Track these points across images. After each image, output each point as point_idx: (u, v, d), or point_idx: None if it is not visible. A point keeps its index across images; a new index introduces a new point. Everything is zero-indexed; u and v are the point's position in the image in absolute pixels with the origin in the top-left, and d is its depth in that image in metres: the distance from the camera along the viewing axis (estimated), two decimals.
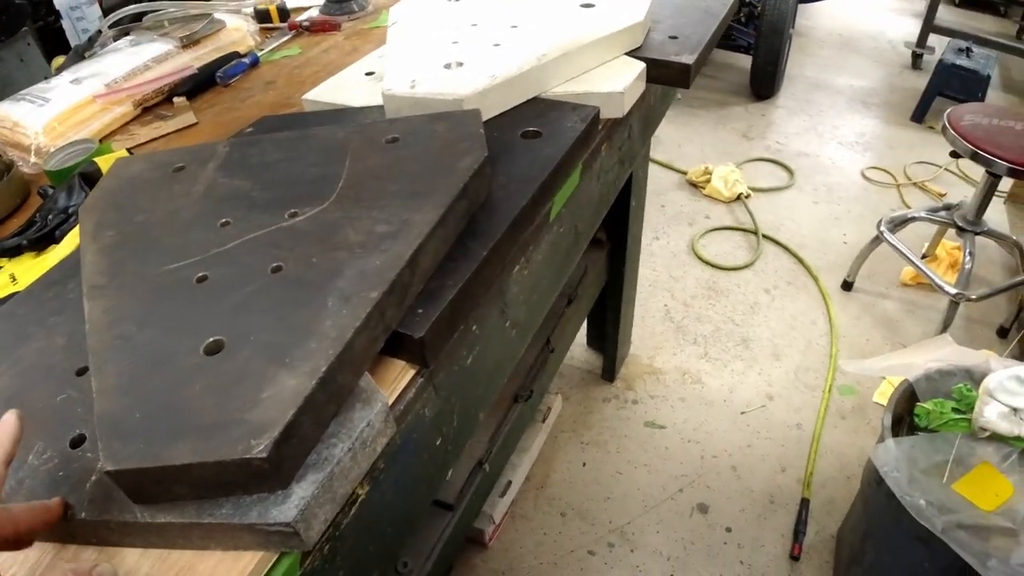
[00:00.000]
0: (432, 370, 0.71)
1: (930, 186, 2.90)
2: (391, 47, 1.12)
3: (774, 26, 3.14)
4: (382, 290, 0.63)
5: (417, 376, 0.69)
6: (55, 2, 1.67)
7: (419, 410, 0.71)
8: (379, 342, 0.64)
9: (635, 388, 2.06)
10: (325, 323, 0.61)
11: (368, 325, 0.62)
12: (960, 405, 1.35)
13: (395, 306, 0.65)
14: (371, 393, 0.61)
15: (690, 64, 1.08)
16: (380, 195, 0.75)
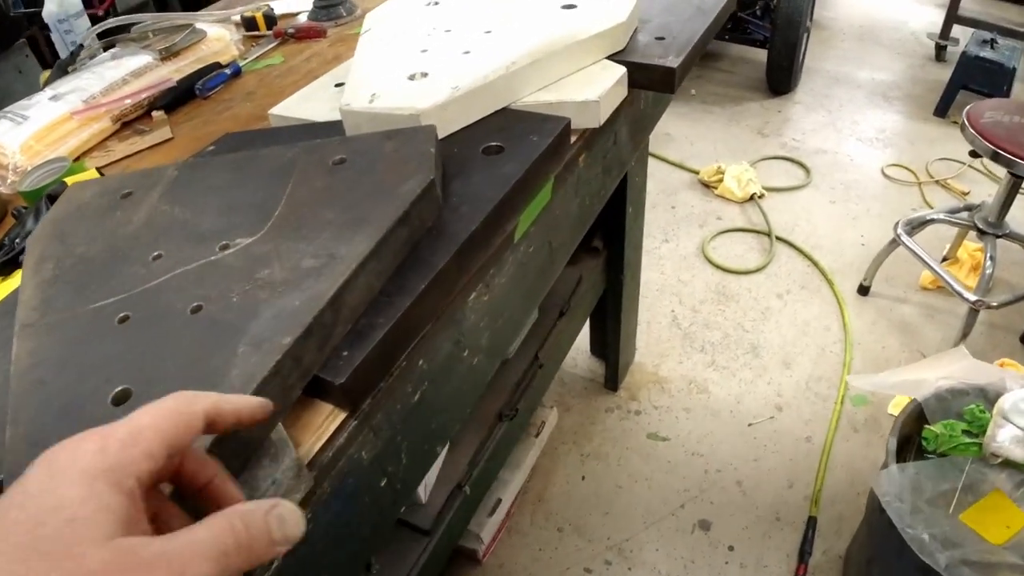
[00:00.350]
0: (367, 411, 0.66)
1: (953, 184, 2.79)
2: (359, 57, 1.07)
3: (790, 19, 3.03)
4: (295, 335, 0.58)
5: (349, 419, 0.64)
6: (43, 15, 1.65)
7: (353, 454, 0.66)
8: (296, 390, 0.59)
9: (639, 398, 2.00)
10: (232, 372, 0.56)
11: (279, 373, 0.57)
12: (972, 427, 1.27)
13: (315, 350, 0.60)
14: (280, 447, 0.56)
15: (674, 68, 1.01)
16: (314, 224, 0.70)
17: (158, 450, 0.37)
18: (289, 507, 0.38)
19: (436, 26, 1.12)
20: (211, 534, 0.34)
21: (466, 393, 0.89)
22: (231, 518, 0.35)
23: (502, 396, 1.32)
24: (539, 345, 1.40)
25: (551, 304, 1.47)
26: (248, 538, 0.35)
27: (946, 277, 2.04)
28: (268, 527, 0.36)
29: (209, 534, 0.34)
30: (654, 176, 2.90)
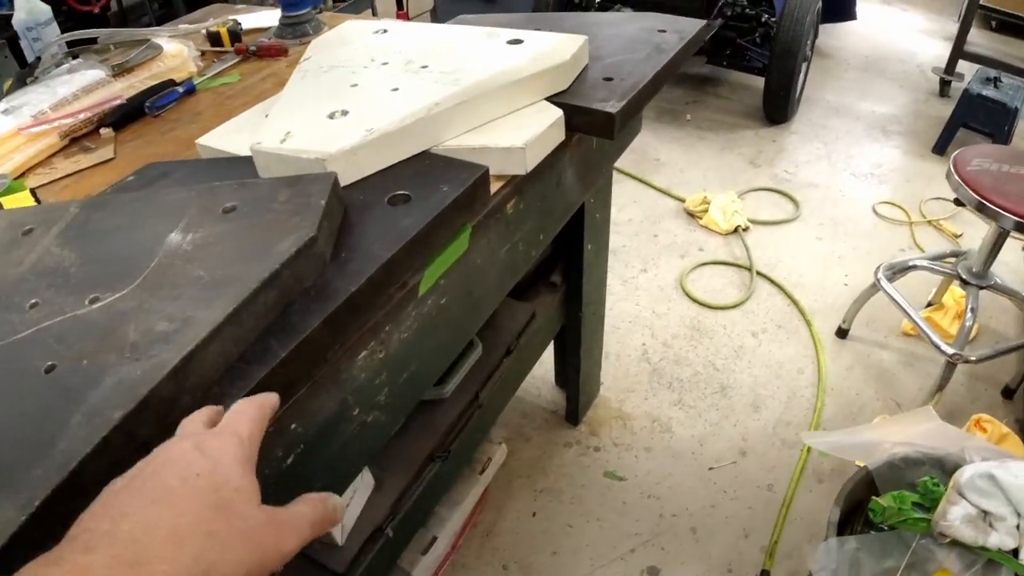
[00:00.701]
0: None
1: (945, 225, 2.73)
2: (287, 89, 1.03)
3: (787, 48, 2.98)
4: (127, 409, 0.54)
5: None
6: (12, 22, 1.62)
7: None
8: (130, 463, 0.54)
9: (599, 434, 1.95)
10: (60, 445, 0.53)
11: (107, 449, 0.53)
12: (924, 500, 1.21)
13: (153, 423, 0.56)
14: None
15: (613, 114, 0.97)
16: (182, 281, 0.66)
17: (255, 447, 0.51)
18: (339, 499, 0.52)
19: (376, 57, 1.08)
20: (310, 508, 0.49)
21: (359, 449, 0.85)
22: (317, 500, 0.50)
23: (435, 437, 1.27)
24: (480, 385, 1.35)
25: (498, 341, 1.42)
26: (325, 514, 0.50)
27: (924, 328, 1.97)
28: (334, 509, 0.51)
29: (309, 508, 0.49)
30: (639, 202, 2.85)
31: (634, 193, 2.92)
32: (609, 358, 2.16)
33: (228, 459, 0.46)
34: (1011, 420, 2.03)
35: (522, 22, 1.29)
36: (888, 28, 4.52)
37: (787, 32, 2.99)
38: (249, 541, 0.43)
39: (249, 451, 0.49)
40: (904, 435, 1.40)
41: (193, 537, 0.40)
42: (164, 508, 0.42)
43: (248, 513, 0.44)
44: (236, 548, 0.42)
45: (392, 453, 1.26)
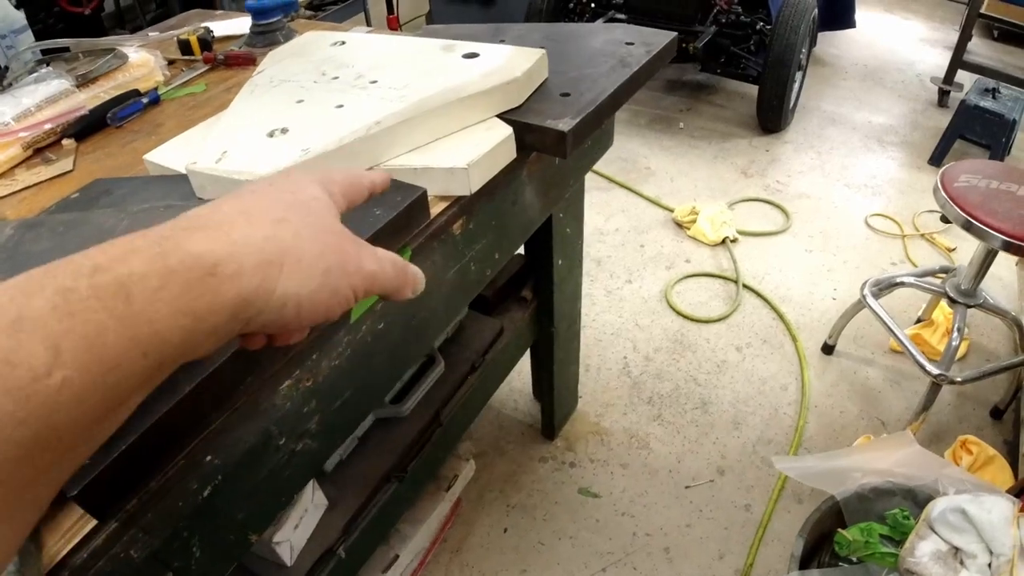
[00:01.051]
0: (133, 512, 0.60)
1: (939, 239, 2.69)
2: (233, 105, 1.00)
3: (781, 58, 2.95)
4: None
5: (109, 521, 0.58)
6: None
7: (118, 554, 0.61)
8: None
9: (575, 449, 1.92)
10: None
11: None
12: (893, 533, 1.18)
13: None
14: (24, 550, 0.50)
15: (565, 132, 0.94)
16: None
17: (342, 197, 0.48)
18: (420, 272, 0.50)
19: (327, 71, 1.05)
20: (391, 255, 0.47)
21: (288, 478, 0.82)
22: (399, 258, 0.48)
23: (392, 457, 1.24)
24: (442, 403, 1.32)
25: (463, 358, 1.39)
26: (406, 272, 0.48)
27: (910, 347, 1.93)
28: (415, 274, 0.49)
29: (391, 253, 0.47)
30: (627, 212, 2.82)
31: (622, 202, 2.89)
32: (589, 371, 2.13)
33: (306, 178, 0.46)
34: (999, 442, 1.99)
35: (488, 33, 1.26)
36: (888, 36, 4.48)
37: (781, 40, 2.95)
38: (327, 239, 0.42)
39: (330, 185, 0.47)
40: (880, 461, 1.37)
41: (262, 220, 0.39)
42: (230, 200, 0.41)
43: (324, 217, 0.43)
44: (311, 240, 0.41)
45: (347, 473, 1.24)
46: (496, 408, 2.02)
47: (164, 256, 0.33)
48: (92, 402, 0.29)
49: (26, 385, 0.27)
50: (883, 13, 4.90)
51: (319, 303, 0.40)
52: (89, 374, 0.29)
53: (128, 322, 0.31)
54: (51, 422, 0.28)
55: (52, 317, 0.29)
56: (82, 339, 0.29)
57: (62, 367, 0.28)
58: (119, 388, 0.31)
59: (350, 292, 0.43)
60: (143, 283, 0.32)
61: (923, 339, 2.24)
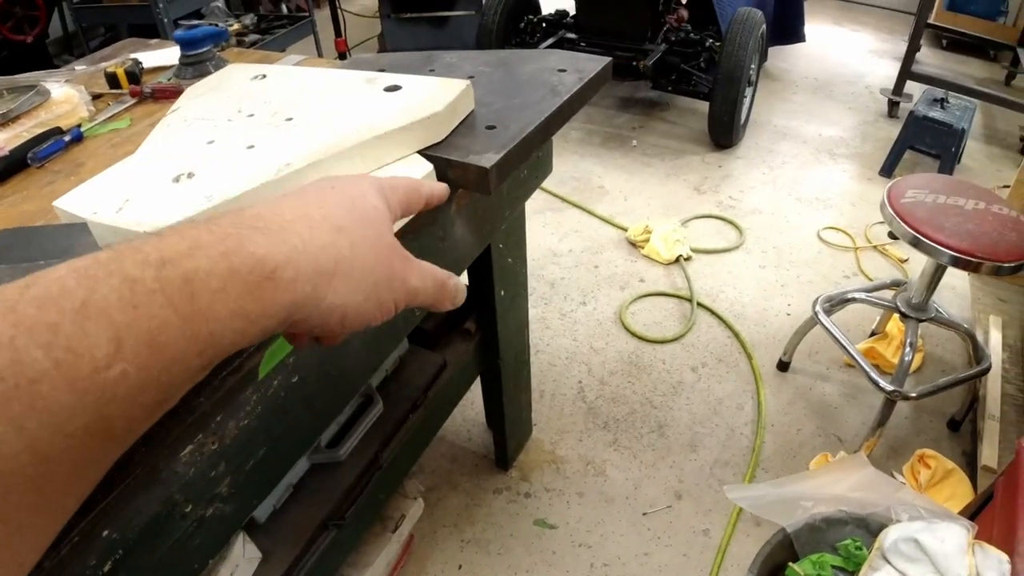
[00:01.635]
0: None
1: (891, 251, 2.71)
2: (144, 145, 0.96)
3: (730, 75, 2.96)
4: None
5: None
6: None
7: None
8: None
9: (530, 479, 1.88)
10: None
11: None
12: (847, 564, 1.15)
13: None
14: None
15: (487, 168, 0.90)
16: None
17: (400, 205, 0.50)
18: (462, 284, 0.52)
19: (243, 108, 1.01)
20: (435, 268, 0.49)
21: (199, 544, 0.77)
22: (442, 270, 0.50)
23: (329, 503, 1.19)
24: (382, 444, 1.28)
25: (403, 396, 1.35)
26: (445, 287, 0.49)
27: (863, 363, 1.92)
28: (456, 287, 0.51)
29: (435, 268, 0.49)
30: (581, 232, 2.80)
31: (575, 222, 2.87)
32: (544, 397, 2.10)
33: (368, 184, 0.47)
34: (957, 454, 1.99)
35: (418, 62, 1.23)
36: (838, 49, 4.55)
37: (730, 57, 2.97)
38: (379, 253, 0.43)
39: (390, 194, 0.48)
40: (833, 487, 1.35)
41: (321, 226, 0.40)
42: (293, 199, 0.42)
43: (380, 228, 0.44)
44: (365, 252, 0.42)
45: (282, 522, 1.18)
46: (448, 440, 1.97)
47: (227, 256, 0.34)
48: (144, 398, 0.30)
49: (86, 376, 0.27)
50: (832, 26, 4.98)
51: (363, 314, 0.42)
52: (146, 370, 0.29)
53: (190, 320, 0.31)
54: (104, 413, 0.28)
55: (117, 307, 0.29)
56: (145, 333, 0.29)
57: (122, 360, 0.28)
58: (171, 385, 0.31)
59: (392, 305, 0.45)
60: (206, 282, 0.32)
61: (878, 352, 2.25)
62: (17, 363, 0.26)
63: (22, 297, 0.28)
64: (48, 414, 0.26)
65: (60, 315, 0.27)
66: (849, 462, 1.45)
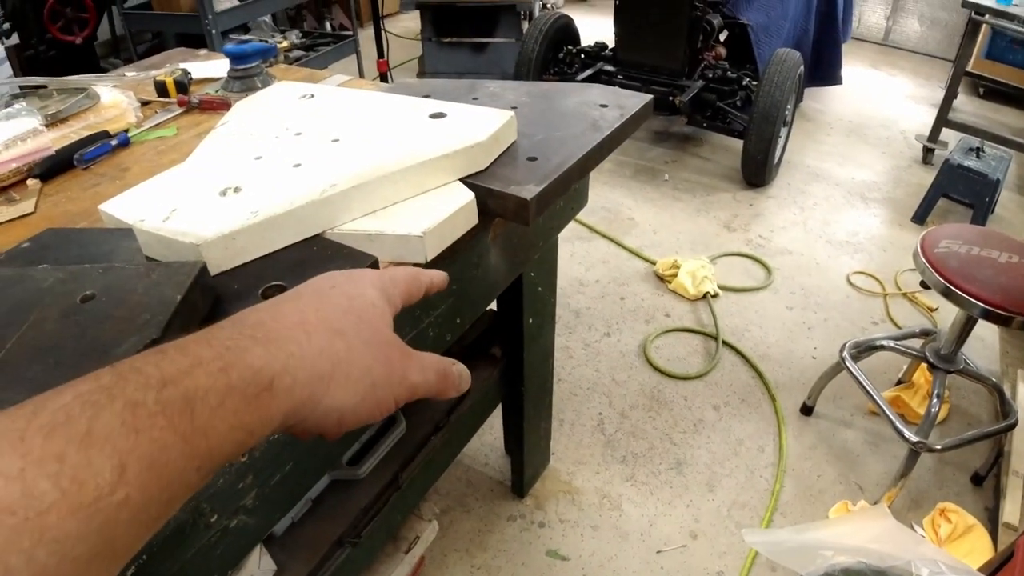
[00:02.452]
0: None
1: (920, 299, 2.68)
2: (190, 159, 0.98)
3: (766, 114, 2.97)
4: None
5: None
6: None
7: None
8: None
9: (545, 508, 1.87)
10: None
11: None
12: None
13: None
14: None
15: (528, 200, 0.91)
16: (14, 381, 0.60)
17: (400, 297, 0.51)
18: (466, 370, 0.52)
19: (291, 127, 1.03)
20: (437, 359, 0.49)
21: (221, 554, 0.78)
22: (445, 359, 0.50)
23: (346, 521, 1.20)
24: (402, 465, 1.28)
25: (425, 418, 1.35)
26: (450, 374, 0.49)
27: (888, 412, 1.90)
28: (460, 374, 0.51)
29: (436, 359, 0.49)
30: (608, 263, 2.81)
31: (604, 253, 2.87)
32: (563, 426, 2.09)
33: (366, 283, 0.48)
34: (979, 509, 1.95)
35: (462, 90, 1.25)
36: (874, 93, 4.54)
37: (767, 97, 2.97)
38: (377, 352, 0.43)
39: (391, 289, 0.50)
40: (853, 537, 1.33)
41: (319, 329, 0.41)
42: (292, 303, 0.43)
43: (378, 326, 0.45)
44: (362, 353, 0.42)
45: (298, 536, 1.19)
46: (465, 463, 1.97)
47: (226, 371, 0.34)
48: (145, 517, 0.30)
49: (91, 503, 0.28)
50: (869, 69, 4.97)
51: (361, 413, 0.42)
52: (148, 491, 0.30)
53: (190, 439, 0.32)
54: (107, 536, 0.28)
55: (120, 433, 0.29)
56: (147, 457, 0.30)
57: (125, 485, 0.29)
58: (171, 501, 0.32)
59: (391, 403, 0.45)
60: (205, 399, 0.33)
61: (903, 401, 2.22)
62: (27, 496, 0.26)
63: (29, 425, 0.28)
64: (56, 544, 0.27)
65: (66, 444, 0.28)
66: (870, 513, 1.43)
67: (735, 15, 3.47)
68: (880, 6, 5.46)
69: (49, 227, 0.99)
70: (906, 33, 5.43)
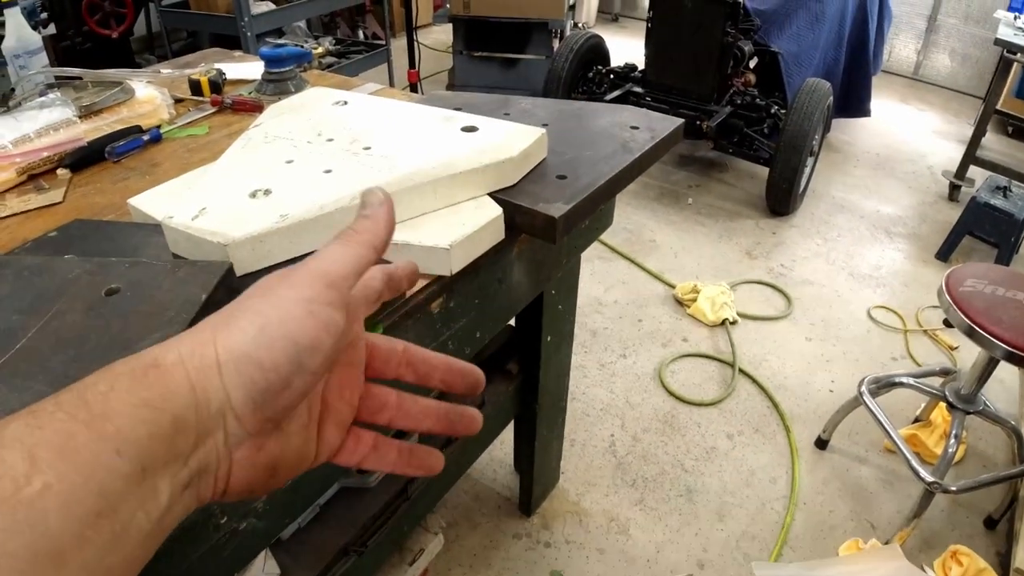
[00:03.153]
0: None
1: (941, 337, 2.64)
2: (222, 159, 0.98)
3: (793, 143, 2.95)
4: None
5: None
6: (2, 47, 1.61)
7: None
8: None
9: (552, 528, 1.85)
10: None
11: None
12: None
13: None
14: None
15: (555, 218, 0.91)
16: (37, 371, 0.60)
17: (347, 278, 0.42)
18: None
19: (323, 132, 1.03)
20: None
21: (228, 557, 0.77)
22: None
23: (353, 529, 1.19)
24: (411, 476, 1.27)
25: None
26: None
27: (905, 451, 1.87)
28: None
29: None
30: (628, 284, 2.80)
31: (624, 273, 2.87)
32: (574, 446, 2.07)
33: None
34: (991, 553, 1.91)
35: (494, 105, 1.25)
36: (902, 127, 4.51)
37: (795, 125, 2.96)
38: (277, 294, 0.38)
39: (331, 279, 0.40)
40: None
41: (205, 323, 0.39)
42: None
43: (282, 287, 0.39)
44: (257, 300, 0.38)
45: (304, 541, 1.18)
46: (474, 477, 1.96)
47: (109, 367, 0.34)
48: (80, 510, 0.30)
49: (10, 496, 0.28)
50: (898, 103, 4.95)
51: (289, 321, 0.37)
52: (68, 478, 0.30)
53: (92, 424, 0.32)
54: (43, 530, 0.29)
55: (25, 432, 0.30)
56: (54, 445, 0.30)
57: (40, 473, 0.29)
58: (105, 492, 0.31)
59: (327, 308, 0.38)
60: (95, 388, 0.33)
61: (919, 440, 2.19)
62: None
63: None
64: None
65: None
66: (882, 553, 1.41)
67: (766, 43, 3.47)
68: (911, 40, 5.44)
69: (77, 218, 1.00)
70: (936, 68, 5.41)
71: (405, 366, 0.49)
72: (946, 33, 5.26)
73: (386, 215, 0.44)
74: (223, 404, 0.36)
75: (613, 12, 7.00)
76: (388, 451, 0.48)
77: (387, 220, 0.44)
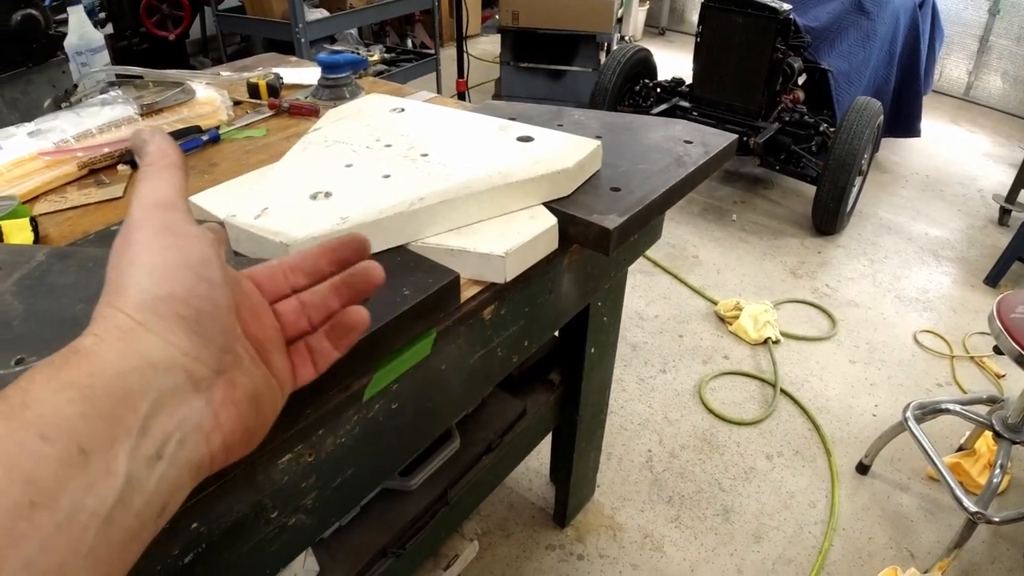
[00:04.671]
0: None
1: (988, 364, 2.58)
2: (283, 160, 1.01)
3: (842, 161, 2.91)
4: None
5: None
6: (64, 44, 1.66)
7: None
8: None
9: (585, 541, 1.84)
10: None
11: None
12: None
13: None
14: None
15: (610, 230, 0.91)
16: None
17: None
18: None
19: (381, 138, 1.05)
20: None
21: (276, 552, 0.79)
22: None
23: (392, 531, 1.20)
24: (452, 481, 1.28)
25: (480, 437, 1.35)
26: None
27: (948, 479, 1.83)
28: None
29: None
30: (669, 299, 2.78)
31: (666, 288, 2.85)
32: (611, 460, 2.06)
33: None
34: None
35: (547, 116, 1.26)
36: (952, 148, 4.43)
37: (844, 144, 2.93)
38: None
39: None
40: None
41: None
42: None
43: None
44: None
45: (344, 541, 1.19)
46: (509, 486, 1.96)
47: (30, 369, 0.34)
48: (5, 499, 0.29)
49: None
50: (948, 124, 4.86)
51: (173, 258, 0.38)
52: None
53: (11, 415, 0.31)
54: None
55: None
56: None
57: None
58: (31, 477, 0.30)
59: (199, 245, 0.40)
60: (15, 386, 0.32)
61: (963, 469, 2.13)
62: None
63: None
64: None
65: None
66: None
67: (816, 60, 3.44)
68: (963, 60, 5.34)
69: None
70: (988, 90, 5.30)
71: (292, 274, 0.50)
72: (998, 54, 5.16)
73: (161, 138, 0.46)
74: (171, 357, 0.36)
75: (660, 26, 6.99)
76: (321, 341, 0.49)
77: (163, 141, 0.45)
